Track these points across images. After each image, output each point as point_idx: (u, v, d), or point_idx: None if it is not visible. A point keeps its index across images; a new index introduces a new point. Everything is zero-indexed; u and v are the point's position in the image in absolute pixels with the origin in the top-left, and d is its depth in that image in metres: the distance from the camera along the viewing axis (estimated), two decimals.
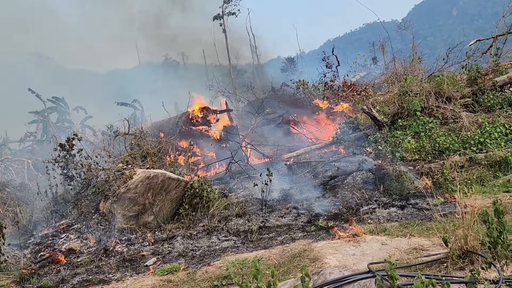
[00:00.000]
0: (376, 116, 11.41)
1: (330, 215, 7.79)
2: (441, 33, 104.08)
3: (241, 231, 7.47)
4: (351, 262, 5.05)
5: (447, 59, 13.77)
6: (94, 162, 9.23)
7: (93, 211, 8.38)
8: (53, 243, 7.60)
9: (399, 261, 4.67)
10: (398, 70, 14.78)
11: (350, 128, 12.45)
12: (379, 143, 10.61)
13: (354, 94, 15.18)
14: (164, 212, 8.34)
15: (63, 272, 6.44)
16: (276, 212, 8.48)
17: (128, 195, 8.00)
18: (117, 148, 11.38)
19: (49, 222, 8.61)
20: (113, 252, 7.02)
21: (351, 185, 9.48)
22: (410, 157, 9.86)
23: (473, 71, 12.22)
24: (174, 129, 14.54)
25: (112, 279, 5.89)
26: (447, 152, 9.62)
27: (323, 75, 18.65)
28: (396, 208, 7.70)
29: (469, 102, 11.50)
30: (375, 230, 6.20)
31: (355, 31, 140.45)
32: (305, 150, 12.93)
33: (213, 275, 5.48)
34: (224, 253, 6.41)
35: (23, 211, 9.01)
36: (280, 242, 6.63)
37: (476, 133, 9.86)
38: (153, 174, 8.23)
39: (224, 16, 53.37)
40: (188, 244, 7.11)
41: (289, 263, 5.53)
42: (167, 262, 6.36)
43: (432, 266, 4.41)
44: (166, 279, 5.59)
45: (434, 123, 10.78)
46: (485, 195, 7.40)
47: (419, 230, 6.06)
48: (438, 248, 4.97)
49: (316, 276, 4.14)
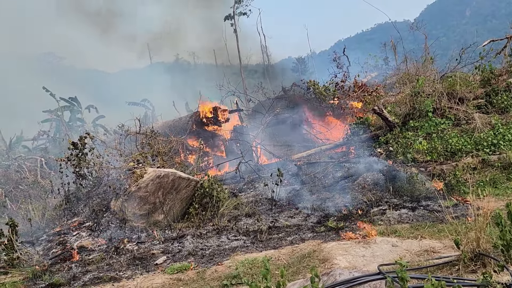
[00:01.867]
0: (387, 117, 11.34)
1: (340, 216, 7.76)
2: (454, 34, 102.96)
3: (251, 231, 7.48)
4: (361, 263, 5.02)
5: (460, 60, 13.64)
6: (106, 161, 9.32)
7: (104, 209, 8.46)
8: (65, 241, 7.69)
9: (410, 263, 4.63)
10: (410, 71, 14.67)
11: (360, 129, 12.40)
12: (390, 144, 10.54)
13: (365, 94, 15.10)
14: (174, 211, 8.38)
15: (74, 269, 6.51)
16: (285, 212, 8.46)
17: (139, 193, 8.07)
18: (128, 147, 11.48)
19: (61, 219, 8.72)
20: (123, 250, 7.08)
21: (361, 186, 9.43)
22: (422, 158, 9.78)
23: (486, 71, 12.09)
24: (184, 129, 14.62)
25: (122, 277, 5.93)
26: (460, 154, 9.52)
27: (334, 75, 18.58)
28: (407, 209, 7.63)
29: (482, 103, 11.37)
30: (385, 232, 6.16)
31: (366, 31, 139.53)
32: (315, 150, 12.90)
33: (222, 274, 5.49)
34: (233, 252, 6.42)
35: (35, 209, 9.13)
36: (289, 242, 6.62)
37: (489, 135, 9.74)
38: (164, 173, 8.28)
39: (235, 16, 53.49)
40: (198, 243, 7.14)
41: (298, 263, 5.51)
42: (177, 261, 6.39)
43: (444, 268, 4.36)
44: (176, 277, 5.62)
45: (446, 124, 10.67)
46: (498, 198, 7.30)
47: (430, 232, 6.00)
48: (450, 251, 4.92)
49: (325, 277, 4.13)
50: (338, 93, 15.83)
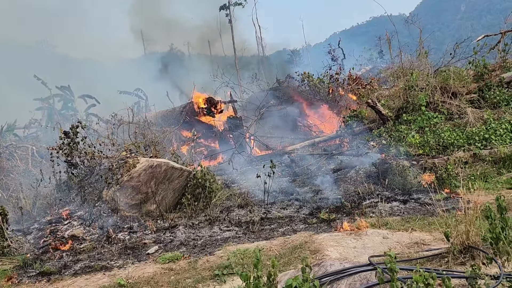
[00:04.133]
0: (381, 110, 11.37)
1: (332, 208, 7.79)
2: (449, 28, 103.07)
3: (243, 222, 7.49)
4: (352, 254, 5.06)
5: (454, 54, 13.66)
6: (98, 150, 9.26)
7: (96, 198, 8.43)
8: (56, 229, 7.65)
9: (400, 255, 4.68)
10: (404, 65, 14.68)
11: (354, 122, 12.42)
12: (383, 137, 10.58)
13: (359, 87, 15.11)
14: (167, 201, 8.37)
15: (65, 258, 6.49)
16: (278, 204, 8.49)
17: (131, 183, 8.03)
18: (121, 137, 11.40)
19: (53, 208, 8.67)
20: (115, 239, 7.07)
21: (354, 179, 9.47)
22: (414, 152, 9.83)
23: (480, 66, 12.13)
24: (178, 119, 14.56)
25: (114, 266, 5.93)
26: (451, 148, 9.59)
27: (328, 68, 18.55)
28: (398, 202, 7.69)
29: (475, 98, 11.43)
30: (376, 224, 6.20)
31: (361, 24, 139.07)
32: (308, 142, 12.93)
33: (214, 264, 5.51)
34: (225, 243, 6.43)
35: (26, 197, 9.06)
36: (281, 234, 6.65)
37: (481, 129, 9.81)
38: (157, 163, 8.25)
39: (230, 7, 53.01)
40: (190, 234, 7.14)
41: (290, 254, 5.54)
42: (168, 250, 6.39)
43: (433, 260, 4.41)
44: (167, 267, 5.62)
45: (439, 118, 10.73)
46: (489, 192, 7.37)
47: (421, 225, 6.06)
48: (440, 243, 4.98)
49: (316, 267, 4.15)
50: (332, 85, 15.83)
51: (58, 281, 5.52)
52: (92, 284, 5.28)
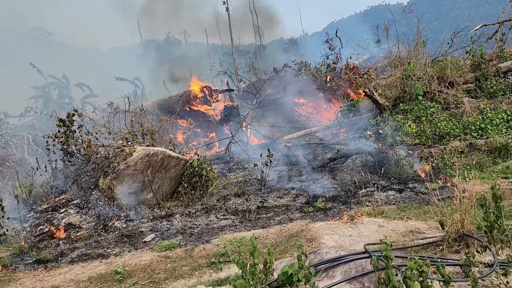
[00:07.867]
0: (378, 100, 11.36)
1: (329, 197, 7.83)
2: (447, 18, 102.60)
3: (240, 211, 7.52)
4: (347, 243, 5.09)
5: (451, 44, 13.62)
6: (94, 139, 9.22)
7: (92, 187, 8.42)
8: (53, 218, 7.65)
9: (396, 243, 4.71)
10: (401, 54, 14.64)
11: (351, 111, 12.41)
12: (380, 126, 10.58)
13: (357, 77, 15.06)
14: (163, 190, 8.37)
15: (62, 246, 6.50)
16: (274, 193, 8.51)
17: (128, 172, 8.02)
18: (117, 126, 11.36)
19: (49, 196, 8.66)
20: (112, 227, 7.09)
21: (350, 168, 9.51)
22: (411, 141, 9.86)
23: (477, 56, 12.11)
24: (174, 108, 14.50)
25: (110, 254, 5.95)
26: (448, 137, 9.61)
27: (325, 57, 18.45)
28: (394, 191, 7.73)
29: (472, 88, 11.43)
30: (372, 213, 6.23)
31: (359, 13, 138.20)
32: (305, 132, 12.92)
33: (210, 252, 5.53)
34: (222, 231, 6.46)
35: (22, 185, 9.04)
36: (278, 222, 6.68)
37: (477, 119, 9.83)
38: (153, 152, 8.23)
39: None
40: (187, 222, 7.16)
41: (286, 242, 5.57)
42: (165, 238, 6.42)
43: (428, 248, 4.44)
44: (164, 255, 5.65)
45: (435, 108, 10.73)
46: (484, 181, 7.41)
47: (417, 214, 6.09)
48: (435, 232, 5.01)
49: (312, 255, 4.18)
50: (329, 75, 15.77)
51: (55, 269, 5.53)
52: (89, 272, 5.30)
